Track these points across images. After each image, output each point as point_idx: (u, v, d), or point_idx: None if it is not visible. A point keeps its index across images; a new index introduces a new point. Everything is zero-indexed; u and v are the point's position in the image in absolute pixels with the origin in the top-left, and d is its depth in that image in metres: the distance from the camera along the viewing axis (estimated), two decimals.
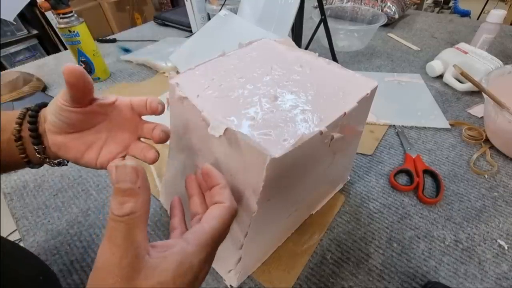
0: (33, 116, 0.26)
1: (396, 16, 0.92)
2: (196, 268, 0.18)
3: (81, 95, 0.24)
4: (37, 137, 0.26)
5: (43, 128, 0.26)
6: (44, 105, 0.27)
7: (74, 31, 0.63)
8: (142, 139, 0.29)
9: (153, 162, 0.28)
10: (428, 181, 0.45)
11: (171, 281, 0.17)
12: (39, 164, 0.28)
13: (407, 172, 0.46)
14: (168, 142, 0.33)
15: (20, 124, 0.26)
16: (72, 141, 0.26)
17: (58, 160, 0.29)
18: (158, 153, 0.28)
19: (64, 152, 0.27)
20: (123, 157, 0.28)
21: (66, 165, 0.30)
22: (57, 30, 0.66)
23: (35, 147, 0.26)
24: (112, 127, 0.28)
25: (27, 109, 0.27)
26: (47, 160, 0.28)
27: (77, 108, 0.25)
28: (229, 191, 0.22)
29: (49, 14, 1.65)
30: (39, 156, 0.27)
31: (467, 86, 0.61)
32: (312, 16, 0.76)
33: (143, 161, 0.28)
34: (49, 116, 0.25)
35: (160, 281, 0.17)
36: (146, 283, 0.16)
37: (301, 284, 0.33)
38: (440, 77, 0.68)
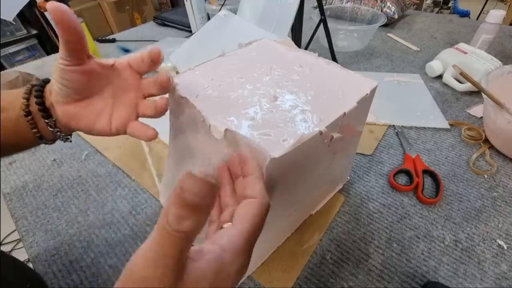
0: (39, 90, 0.26)
1: (396, 16, 0.92)
2: (233, 277, 0.18)
3: (75, 39, 0.23)
4: (46, 111, 0.26)
5: (50, 102, 0.27)
6: (49, 80, 0.27)
7: None
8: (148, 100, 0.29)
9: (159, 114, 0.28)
10: (428, 181, 0.45)
11: None
12: (52, 140, 0.29)
13: (407, 172, 0.46)
14: (167, 142, 0.33)
15: (27, 99, 0.26)
16: (81, 110, 0.27)
17: (67, 136, 0.29)
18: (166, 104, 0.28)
19: (75, 123, 0.27)
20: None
21: (71, 141, 0.30)
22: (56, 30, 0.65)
23: (46, 120, 0.26)
24: (116, 91, 0.28)
25: (32, 85, 0.27)
26: (59, 134, 0.28)
27: (76, 66, 0.25)
28: (263, 184, 0.21)
29: (49, 14, 1.64)
30: (51, 129, 0.27)
31: (467, 86, 0.62)
32: (311, 16, 0.76)
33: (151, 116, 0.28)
34: (54, 86, 0.26)
35: None
36: None
37: (301, 284, 0.33)
38: (440, 77, 0.69)
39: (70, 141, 0.30)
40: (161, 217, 0.15)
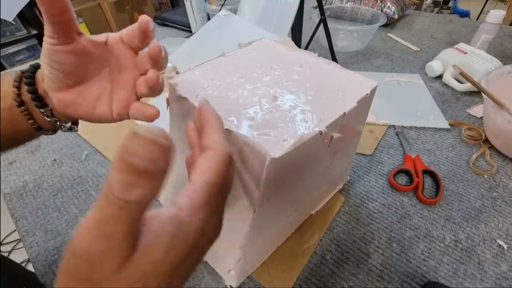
0: (29, 77, 0.24)
1: (396, 16, 0.92)
2: (193, 235, 0.15)
3: (59, 14, 0.21)
4: (39, 99, 0.25)
5: (42, 89, 0.25)
6: (39, 65, 0.25)
7: None
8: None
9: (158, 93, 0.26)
10: (428, 181, 0.45)
11: (162, 258, 0.14)
12: (52, 130, 0.27)
13: (407, 172, 0.46)
14: None
15: (18, 88, 0.24)
16: (78, 96, 0.25)
17: (69, 125, 0.27)
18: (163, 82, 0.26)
19: (74, 110, 0.25)
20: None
21: (77, 130, 0.28)
22: None
23: (41, 110, 0.25)
24: (112, 73, 0.26)
25: (23, 72, 0.25)
26: (58, 124, 0.26)
27: (65, 45, 0.22)
28: (221, 134, 0.18)
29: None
30: (49, 119, 0.25)
31: (467, 86, 0.62)
32: (311, 16, 0.76)
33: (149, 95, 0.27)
34: (45, 71, 0.23)
35: (150, 261, 0.14)
36: (137, 270, 0.13)
37: (301, 284, 0.33)
38: (440, 77, 0.68)
39: (76, 131, 0.28)
40: (105, 184, 0.12)
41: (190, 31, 0.95)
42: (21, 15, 1.70)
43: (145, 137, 0.12)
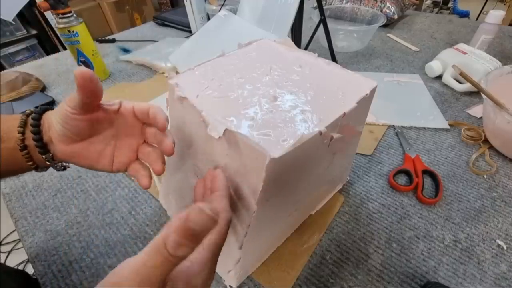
0: (35, 125, 0.25)
1: (396, 16, 0.93)
2: (200, 286, 0.19)
3: (91, 101, 0.24)
4: (43, 147, 0.26)
5: (48, 136, 0.26)
6: (45, 110, 0.26)
7: (73, 31, 0.63)
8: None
9: (159, 173, 0.28)
10: (427, 181, 0.45)
11: None
12: (46, 168, 0.28)
13: (407, 173, 0.46)
14: None
15: (23, 133, 0.25)
16: (82, 151, 0.26)
17: (64, 164, 0.29)
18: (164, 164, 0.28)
19: (76, 161, 0.27)
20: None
21: (69, 167, 0.30)
22: (56, 30, 0.65)
23: (43, 156, 0.26)
24: (118, 134, 0.28)
25: (27, 115, 0.26)
26: (54, 164, 0.28)
27: (83, 115, 0.24)
28: (227, 201, 0.22)
29: (48, 14, 1.65)
30: (48, 163, 0.27)
31: (466, 86, 0.62)
32: (311, 17, 0.76)
33: (150, 166, 0.28)
34: (55, 126, 0.25)
35: None
36: None
37: (301, 284, 0.33)
38: (439, 77, 0.69)
39: (69, 167, 0.29)
40: (159, 237, 0.15)
41: (190, 31, 0.95)
42: (20, 15, 1.70)
43: (207, 214, 0.15)
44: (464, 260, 0.35)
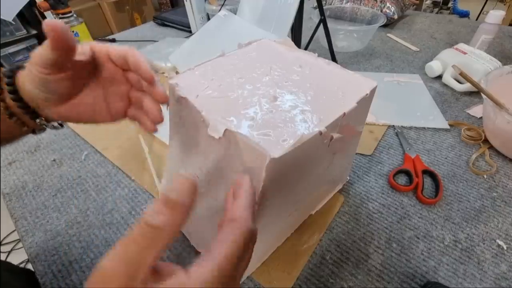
0: (13, 92, 0.23)
1: (396, 16, 0.93)
2: None
3: (65, 57, 0.21)
4: (31, 113, 0.25)
5: (35, 103, 0.24)
6: (13, 71, 0.23)
7: (73, 31, 0.63)
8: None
9: (158, 120, 0.27)
10: (427, 181, 0.45)
11: None
12: (43, 130, 0.28)
13: (407, 173, 0.46)
14: (167, 143, 0.33)
15: (3, 100, 0.23)
16: (74, 108, 0.25)
17: (60, 123, 0.28)
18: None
19: (75, 120, 0.26)
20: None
21: (63, 126, 0.29)
22: None
23: (37, 120, 0.25)
24: (102, 82, 0.26)
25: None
26: (52, 124, 0.27)
27: (58, 74, 0.22)
28: (250, 210, 0.19)
29: (49, 14, 1.65)
30: (45, 125, 0.26)
31: (466, 86, 0.62)
32: (311, 17, 0.76)
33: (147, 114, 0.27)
34: (32, 92, 0.23)
35: None
36: None
37: (301, 284, 0.33)
38: (439, 77, 0.69)
39: (63, 126, 0.29)
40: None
41: (190, 31, 0.95)
42: (20, 15, 1.70)
43: (180, 179, 0.15)
44: (464, 260, 0.35)
